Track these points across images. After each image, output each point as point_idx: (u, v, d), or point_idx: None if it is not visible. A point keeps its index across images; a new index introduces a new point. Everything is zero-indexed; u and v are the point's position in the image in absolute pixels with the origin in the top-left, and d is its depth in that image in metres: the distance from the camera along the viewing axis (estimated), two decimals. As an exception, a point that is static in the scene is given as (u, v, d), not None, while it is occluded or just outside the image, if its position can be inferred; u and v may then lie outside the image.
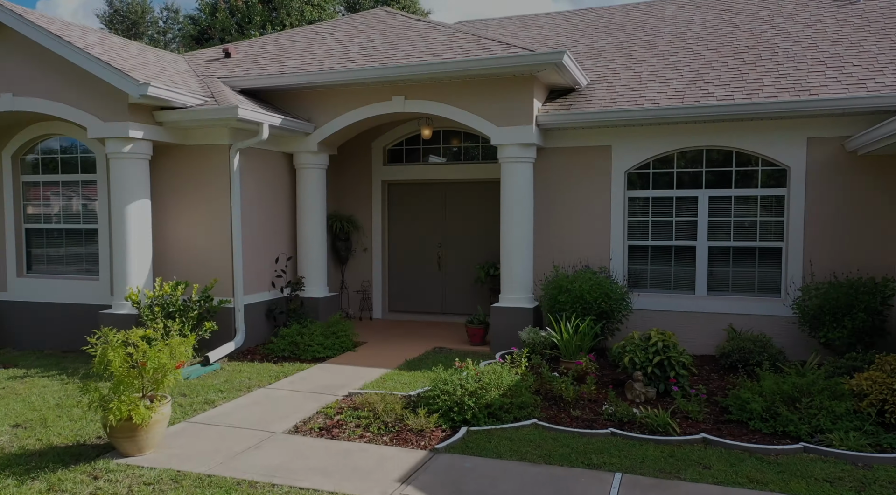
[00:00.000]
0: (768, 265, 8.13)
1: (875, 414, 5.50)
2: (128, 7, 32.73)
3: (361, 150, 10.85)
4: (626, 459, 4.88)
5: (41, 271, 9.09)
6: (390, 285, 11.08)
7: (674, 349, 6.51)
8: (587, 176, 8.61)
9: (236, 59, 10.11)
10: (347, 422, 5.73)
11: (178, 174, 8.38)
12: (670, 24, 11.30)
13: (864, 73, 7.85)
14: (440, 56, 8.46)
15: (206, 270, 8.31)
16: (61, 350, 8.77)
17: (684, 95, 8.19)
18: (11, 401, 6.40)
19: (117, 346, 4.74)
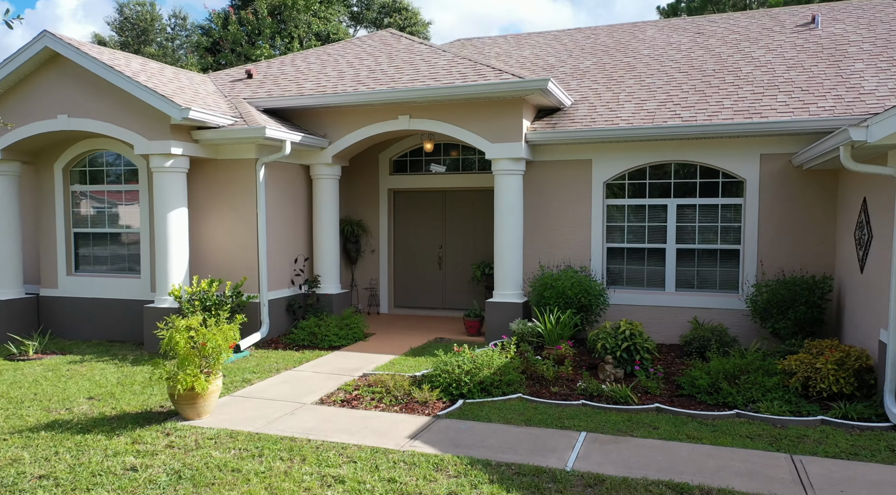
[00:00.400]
0: (728, 265, 9.30)
1: (801, 388, 6.67)
2: (137, 14, 33.86)
3: (370, 161, 12.01)
4: (591, 423, 6.04)
5: (87, 270, 10.25)
6: (395, 283, 12.25)
7: (639, 336, 7.68)
8: (571, 186, 9.77)
9: (258, 80, 11.27)
10: (364, 396, 6.89)
11: (211, 185, 9.55)
12: (649, 46, 12.45)
13: (810, 98, 9.01)
14: (441, 80, 9.62)
15: (236, 269, 9.47)
16: (107, 339, 9.94)
17: (655, 116, 9.35)
18: (79, 380, 7.57)
19: (182, 330, 5.90)
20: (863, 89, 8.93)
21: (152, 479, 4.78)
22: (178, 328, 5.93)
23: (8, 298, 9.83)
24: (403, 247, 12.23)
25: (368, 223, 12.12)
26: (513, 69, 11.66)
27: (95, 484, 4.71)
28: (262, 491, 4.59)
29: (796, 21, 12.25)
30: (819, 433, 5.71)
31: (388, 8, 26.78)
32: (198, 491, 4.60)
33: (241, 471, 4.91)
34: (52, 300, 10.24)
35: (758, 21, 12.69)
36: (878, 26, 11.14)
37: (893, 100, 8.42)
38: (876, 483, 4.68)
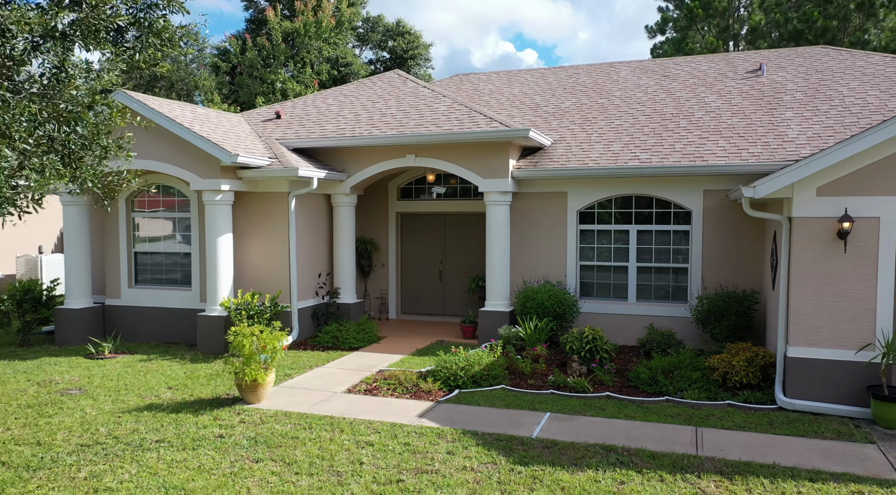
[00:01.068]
0: (678, 280, 11.26)
1: (720, 380, 8.63)
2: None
3: (381, 188, 13.97)
4: (555, 406, 8.00)
5: (145, 283, 12.20)
6: (402, 292, 14.23)
7: (600, 340, 9.65)
8: (550, 214, 11.72)
9: (286, 120, 13.23)
10: (381, 387, 8.84)
11: (251, 213, 11.51)
12: (621, 88, 14.41)
13: (744, 144, 10.97)
14: (441, 126, 11.57)
15: (271, 283, 11.43)
16: (163, 341, 11.89)
17: (619, 157, 11.30)
18: (154, 374, 9.53)
19: (248, 336, 7.86)
20: (786, 137, 10.88)
21: (237, 443, 6.74)
22: (244, 334, 7.89)
23: (81, 307, 11.79)
24: (409, 262, 14.20)
25: (379, 241, 14.09)
26: (503, 111, 13.64)
27: (198, 445, 6.67)
28: (316, 450, 6.55)
29: (747, 67, 14.21)
30: (723, 413, 7.68)
31: (393, 31, 28.72)
32: (270, 450, 6.56)
33: (298, 438, 6.88)
34: (115, 308, 12.20)
35: (716, 65, 14.66)
36: (812, 75, 13.09)
37: (808, 148, 10.37)
38: (747, 444, 6.64)
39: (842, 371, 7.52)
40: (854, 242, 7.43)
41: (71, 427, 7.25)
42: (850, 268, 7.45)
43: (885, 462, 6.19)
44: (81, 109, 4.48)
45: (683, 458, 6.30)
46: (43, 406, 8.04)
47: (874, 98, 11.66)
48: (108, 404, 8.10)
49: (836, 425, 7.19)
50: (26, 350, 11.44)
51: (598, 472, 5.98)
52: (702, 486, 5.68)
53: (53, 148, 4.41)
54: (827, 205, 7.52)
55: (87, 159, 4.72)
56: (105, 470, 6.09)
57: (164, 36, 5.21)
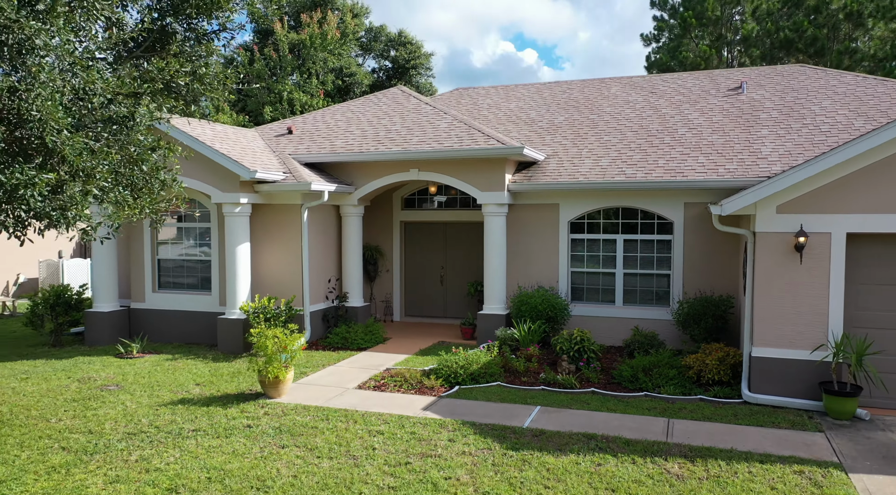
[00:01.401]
0: (661, 286, 12.19)
1: (695, 377, 9.56)
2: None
3: (386, 199, 14.91)
4: (545, 400, 8.94)
5: (168, 288, 13.14)
6: (406, 296, 15.17)
7: (587, 341, 10.58)
8: (543, 224, 12.66)
9: (297, 136, 14.17)
10: (389, 384, 9.78)
11: (266, 224, 12.45)
12: (612, 103, 15.35)
13: (722, 160, 11.90)
14: (443, 143, 12.51)
15: (285, 288, 12.37)
16: (185, 342, 12.83)
17: (606, 171, 12.23)
18: (182, 372, 10.47)
19: (270, 337, 8.80)
20: (760, 154, 11.82)
21: (263, 432, 7.68)
22: (267, 336, 8.83)
23: (109, 310, 12.73)
24: (412, 268, 15.14)
25: (384, 248, 15.03)
26: (501, 126, 14.58)
27: (230, 433, 7.61)
28: (333, 438, 7.49)
29: (729, 85, 15.15)
30: (695, 406, 8.62)
31: (395, 41, 29.66)
32: (294, 438, 7.50)
33: (317, 428, 7.82)
34: (140, 311, 13.14)
35: (700, 83, 15.60)
36: (788, 94, 14.03)
37: (779, 165, 11.29)
38: (712, 432, 7.58)
39: (799, 369, 8.46)
40: (809, 255, 8.36)
41: (115, 418, 8.20)
42: (806, 278, 8.39)
43: (828, 447, 7.13)
44: (146, 152, 5.40)
45: (654, 445, 7.24)
46: (86, 400, 8.98)
47: (843, 117, 12.60)
48: (144, 398, 9.04)
49: (792, 416, 8.13)
50: (59, 350, 12.38)
51: (580, 456, 6.92)
52: (667, 467, 6.62)
53: (124, 184, 5.33)
54: (785, 222, 8.46)
55: (146, 191, 5.65)
56: (152, 454, 7.04)
57: (205, 81, 6.14)
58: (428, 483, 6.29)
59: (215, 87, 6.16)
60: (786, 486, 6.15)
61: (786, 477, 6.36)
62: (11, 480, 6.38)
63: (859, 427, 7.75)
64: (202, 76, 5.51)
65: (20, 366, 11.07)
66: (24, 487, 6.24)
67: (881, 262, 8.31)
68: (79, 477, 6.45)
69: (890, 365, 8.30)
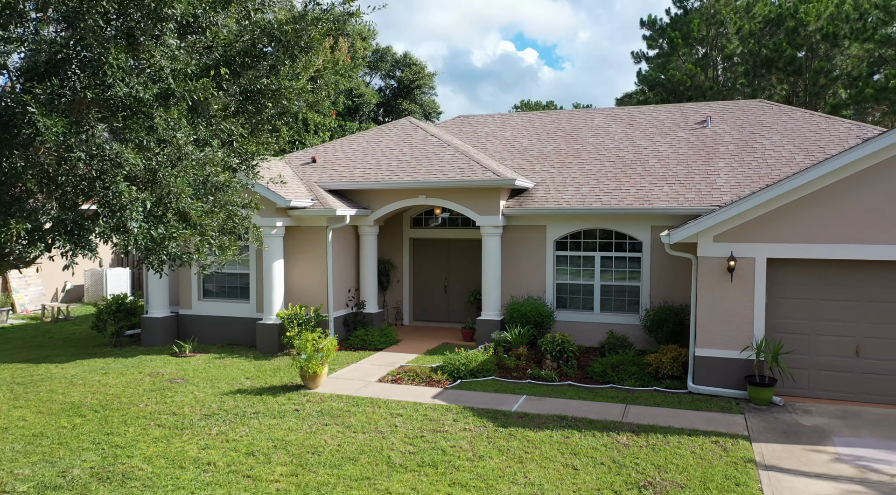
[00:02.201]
0: (632, 296, 14.36)
1: (654, 373, 11.74)
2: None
3: (397, 219, 17.10)
4: (531, 391, 11.12)
5: (211, 297, 15.33)
6: (414, 303, 17.35)
7: (567, 343, 12.75)
8: (532, 243, 14.83)
9: (321, 165, 16.35)
10: (403, 378, 11.95)
11: (297, 242, 14.63)
12: (594, 134, 17.53)
13: (683, 190, 14.07)
14: (447, 174, 14.68)
15: (313, 298, 14.55)
16: (227, 343, 15.01)
17: (586, 198, 14.40)
18: (231, 368, 12.65)
19: (310, 340, 10.98)
20: (715, 185, 13.99)
21: (309, 414, 9.86)
22: (307, 339, 11.02)
23: (162, 316, 14.93)
24: (420, 279, 17.32)
25: (395, 262, 17.22)
26: (497, 154, 16.76)
27: (283, 415, 9.80)
28: (364, 418, 9.66)
29: (697, 118, 17.33)
30: (649, 395, 10.80)
31: (400, 63, 31.86)
32: (333, 418, 9.68)
33: (350, 411, 10.00)
34: (187, 317, 15.34)
35: (672, 116, 17.78)
36: (745, 129, 16.20)
37: (729, 196, 13.45)
38: (658, 415, 9.76)
39: (731, 365, 10.64)
40: (738, 275, 10.55)
41: (190, 404, 10.39)
42: (736, 293, 10.57)
43: (743, 425, 9.31)
44: (239, 209, 7.57)
45: (611, 423, 9.42)
46: (162, 390, 11.17)
47: (787, 151, 14.78)
48: (208, 389, 11.24)
49: (723, 403, 10.32)
50: (120, 350, 14.57)
51: (553, 431, 9.10)
52: (618, 439, 8.80)
53: (227, 233, 7.49)
54: (720, 249, 10.64)
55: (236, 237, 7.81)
56: (227, 429, 9.23)
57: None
58: (438, 450, 8.47)
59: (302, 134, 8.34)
60: (702, 451, 8.34)
61: (704, 445, 8.55)
62: (129, 447, 8.58)
63: (773, 410, 9.94)
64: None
65: (95, 363, 13.26)
66: (141, 451, 8.43)
67: (794, 281, 10.49)
68: (177, 445, 8.64)
69: (798, 362, 10.48)
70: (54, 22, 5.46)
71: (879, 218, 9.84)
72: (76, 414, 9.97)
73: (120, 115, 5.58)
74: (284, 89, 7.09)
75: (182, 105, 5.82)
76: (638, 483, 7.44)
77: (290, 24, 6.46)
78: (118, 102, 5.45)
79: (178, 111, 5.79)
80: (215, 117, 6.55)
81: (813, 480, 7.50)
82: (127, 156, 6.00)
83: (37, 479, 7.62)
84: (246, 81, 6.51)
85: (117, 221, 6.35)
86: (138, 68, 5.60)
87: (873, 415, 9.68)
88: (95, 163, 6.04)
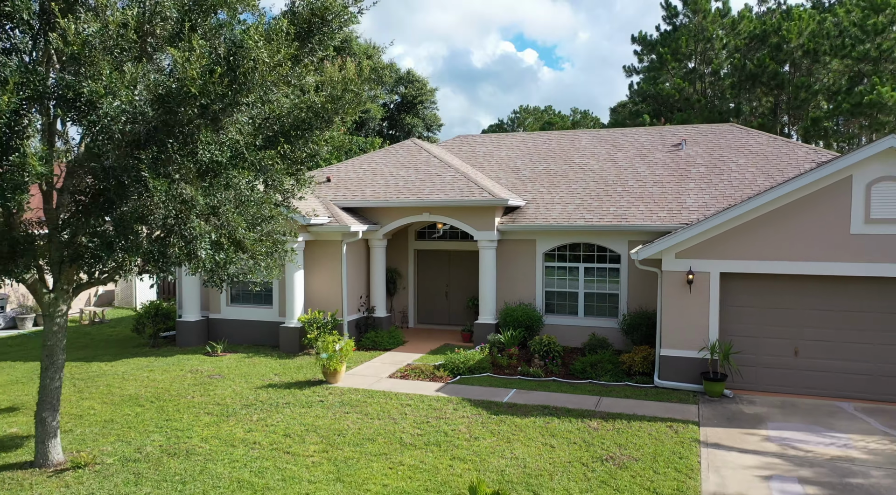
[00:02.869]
0: (612, 302, 16.21)
1: (628, 370, 13.58)
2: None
3: (403, 232, 18.94)
4: (520, 385, 12.97)
5: (238, 302, 17.18)
6: (418, 308, 19.20)
7: (553, 344, 14.60)
8: (523, 255, 16.68)
9: (334, 184, 18.21)
10: (410, 374, 13.80)
11: (315, 255, 16.48)
12: (581, 155, 19.37)
13: (656, 208, 15.90)
14: (448, 193, 16.52)
15: (329, 303, 16.40)
16: (252, 344, 16.86)
17: (571, 216, 16.24)
18: (259, 366, 14.49)
19: (331, 342, 12.84)
20: (685, 204, 15.83)
21: (332, 404, 11.72)
22: (329, 341, 12.87)
23: (194, 320, 16.79)
24: (423, 286, 19.16)
25: (401, 270, 19.06)
26: (493, 173, 18.60)
27: (310, 405, 11.65)
28: (378, 408, 11.52)
29: (673, 141, 19.18)
30: (621, 389, 12.65)
31: (404, 79, 33.71)
32: (353, 408, 11.53)
33: (367, 402, 11.85)
34: (217, 320, 17.19)
35: (651, 138, 19.63)
36: (715, 151, 18.05)
37: (696, 214, 15.28)
38: (625, 405, 11.61)
39: (690, 363, 12.49)
40: (696, 286, 12.39)
41: (231, 395, 12.25)
42: (694, 302, 12.42)
43: (696, 413, 11.16)
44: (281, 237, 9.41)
45: (585, 412, 11.27)
46: (203, 385, 13.03)
47: (750, 174, 16.63)
48: (243, 383, 13.09)
49: (682, 395, 12.17)
50: (158, 350, 16.42)
51: (536, 418, 10.95)
52: (590, 424, 10.65)
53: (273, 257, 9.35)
54: (681, 264, 12.50)
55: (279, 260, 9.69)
56: (265, 416, 11.08)
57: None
58: (441, 432, 10.32)
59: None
60: (658, 433, 10.19)
61: (660, 429, 10.40)
62: (187, 430, 10.43)
63: (723, 401, 11.79)
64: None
65: (139, 361, 15.12)
66: (197, 433, 10.29)
67: (743, 292, 12.34)
68: (226, 428, 10.50)
69: (747, 360, 12.33)
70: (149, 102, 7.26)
71: (812, 239, 11.70)
72: (135, 404, 11.83)
73: (205, 175, 7.43)
74: (318, 143, 8.97)
75: (252, 168, 7.69)
76: (601, 457, 9.29)
77: (331, 104, 8.32)
78: (202, 165, 7.30)
79: (249, 172, 7.65)
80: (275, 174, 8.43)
81: (742, 454, 9.35)
82: (198, 199, 7.85)
83: (118, 454, 9.47)
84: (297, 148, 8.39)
85: (189, 249, 8.22)
86: (218, 140, 7.42)
87: (807, 405, 11.54)
88: (175, 205, 7.90)
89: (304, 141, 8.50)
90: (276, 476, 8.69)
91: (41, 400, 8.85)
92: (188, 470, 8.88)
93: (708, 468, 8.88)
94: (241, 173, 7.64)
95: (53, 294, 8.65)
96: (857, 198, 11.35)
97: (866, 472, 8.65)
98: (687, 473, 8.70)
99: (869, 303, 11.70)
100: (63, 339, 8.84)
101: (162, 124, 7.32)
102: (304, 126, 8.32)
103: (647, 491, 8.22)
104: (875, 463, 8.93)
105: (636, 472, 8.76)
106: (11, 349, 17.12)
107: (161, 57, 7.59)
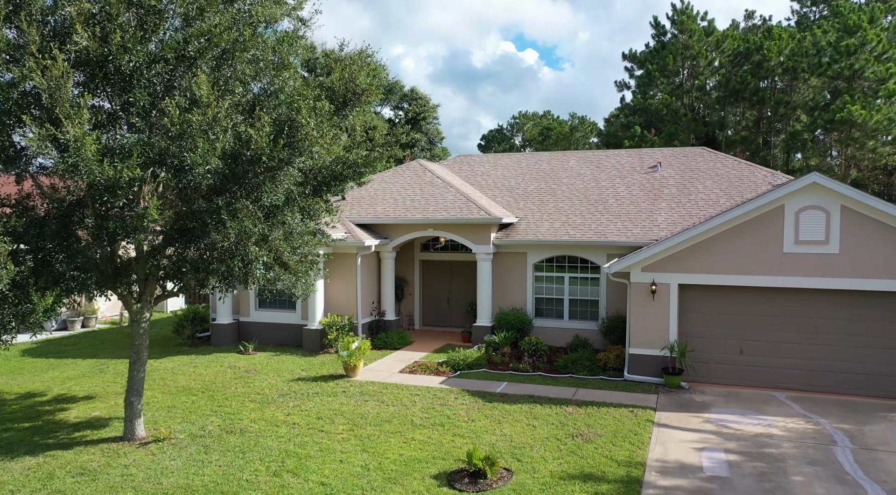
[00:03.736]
0: (593, 308, 18.54)
1: (604, 366, 15.92)
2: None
3: (409, 245, 21.29)
4: (511, 379, 15.31)
5: (265, 307, 19.53)
6: (423, 312, 21.56)
7: (541, 344, 16.95)
8: (516, 266, 19.01)
9: (349, 202, 20.57)
10: (418, 370, 16.14)
11: (333, 266, 18.83)
12: (568, 175, 21.71)
13: (631, 225, 18.22)
14: (449, 212, 18.86)
15: (345, 308, 18.75)
16: (278, 344, 19.21)
17: (557, 232, 18.57)
18: (287, 363, 16.84)
19: (350, 342, 15.17)
20: (656, 222, 18.15)
21: (353, 394, 14.07)
22: (347, 341, 15.21)
23: (227, 322, 19.15)
24: (428, 292, 21.52)
25: (408, 278, 21.42)
26: (489, 191, 20.97)
27: (335, 395, 14.00)
28: (392, 397, 13.86)
29: (651, 162, 21.51)
30: (595, 382, 14.98)
31: (408, 97, 36.03)
32: (371, 397, 13.88)
33: (382, 392, 14.20)
34: (246, 323, 19.55)
35: (630, 160, 21.97)
36: (686, 173, 20.38)
37: (665, 231, 17.60)
38: (598, 395, 13.96)
39: (653, 360, 14.82)
40: (658, 295, 14.73)
41: (268, 387, 14.60)
42: (657, 309, 14.76)
43: (654, 401, 13.50)
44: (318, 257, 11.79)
45: (564, 400, 13.61)
46: (242, 378, 15.38)
47: (715, 195, 18.96)
48: (275, 377, 15.45)
49: (646, 387, 14.51)
50: (195, 349, 18.76)
51: (523, 405, 13.29)
52: (566, 409, 12.99)
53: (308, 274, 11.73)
54: (646, 276, 14.84)
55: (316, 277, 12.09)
56: (299, 403, 13.43)
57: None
58: (444, 416, 12.66)
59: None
60: (620, 416, 12.53)
61: (623, 413, 12.74)
62: (237, 414, 12.79)
63: (679, 392, 14.14)
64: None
65: (182, 358, 17.48)
66: (246, 416, 12.64)
67: (698, 300, 14.68)
68: (269, 413, 12.85)
69: (701, 357, 14.67)
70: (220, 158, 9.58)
71: (755, 256, 14.03)
72: (189, 393, 14.19)
73: (268, 216, 9.79)
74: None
75: (302, 210, 10.08)
76: (573, 434, 11.64)
77: (363, 159, 10.70)
78: (265, 208, 9.66)
79: (299, 212, 10.04)
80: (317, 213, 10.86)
81: (685, 432, 11.70)
82: (254, 230, 10.20)
83: (187, 432, 11.83)
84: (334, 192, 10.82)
85: (248, 269, 10.59)
86: (275, 189, 9.78)
87: (747, 395, 13.88)
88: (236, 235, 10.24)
89: (341, 188, 10.90)
90: (314, 448, 11.05)
91: (129, 387, 11.20)
92: (245, 443, 11.24)
93: (656, 442, 11.23)
94: (293, 213, 10.01)
95: (140, 304, 11.00)
96: (789, 223, 13.69)
97: (779, 444, 11.00)
98: (638, 446, 11.05)
99: (801, 309, 14.04)
100: (146, 340, 11.19)
101: (231, 175, 9.68)
102: (340, 177, 10.71)
103: (606, 458, 10.57)
104: (787, 438, 11.28)
105: (599, 445, 11.10)
106: (67, 348, 19.50)
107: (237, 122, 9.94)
